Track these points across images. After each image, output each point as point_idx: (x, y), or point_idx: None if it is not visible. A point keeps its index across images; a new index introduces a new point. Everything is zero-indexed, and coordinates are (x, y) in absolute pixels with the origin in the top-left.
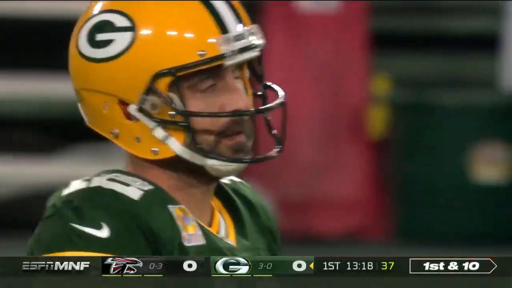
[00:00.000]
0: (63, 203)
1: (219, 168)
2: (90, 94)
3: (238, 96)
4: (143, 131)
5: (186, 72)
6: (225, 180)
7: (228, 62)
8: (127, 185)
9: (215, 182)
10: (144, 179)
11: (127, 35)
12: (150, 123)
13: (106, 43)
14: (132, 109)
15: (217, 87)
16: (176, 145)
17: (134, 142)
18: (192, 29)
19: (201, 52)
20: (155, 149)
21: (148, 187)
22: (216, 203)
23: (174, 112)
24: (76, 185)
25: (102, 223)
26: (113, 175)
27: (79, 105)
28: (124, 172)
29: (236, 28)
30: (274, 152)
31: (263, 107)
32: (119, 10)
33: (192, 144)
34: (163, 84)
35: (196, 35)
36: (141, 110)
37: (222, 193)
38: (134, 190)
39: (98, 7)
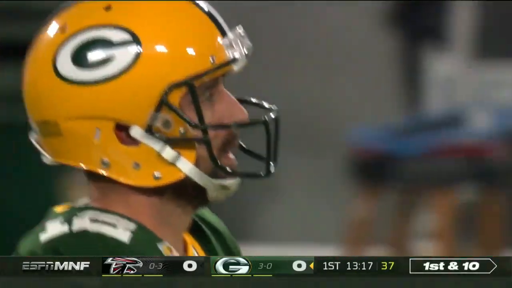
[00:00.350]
0: (45, 251)
1: (228, 187)
2: (76, 123)
3: (238, 107)
4: (144, 155)
5: (201, 81)
6: None
7: (237, 67)
8: (114, 226)
9: (194, 212)
10: (122, 216)
11: (131, 50)
12: (157, 144)
13: (104, 62)
14: (136, 131)
15: (213, 98)
16: (187, 165)
17: (130, 170)
18: (201, 34)
19: (212, 59)
20: (158, 174)
21: (132, 226)
22: (187, 236)
23: (183, 130)
24: (56, 228)
25: None
26: (92, 214)
27: (45, 141)
28: (99, 209)
29: (230, 31)
30: (272, 168)
31: (268, 116)
32: (112, 25)
33: (198, 164)
34: (175, 98)
35: (206, 40)
36: (148, 130)
37: (192, 225)
38: (122, 232)
39: (76, 24)
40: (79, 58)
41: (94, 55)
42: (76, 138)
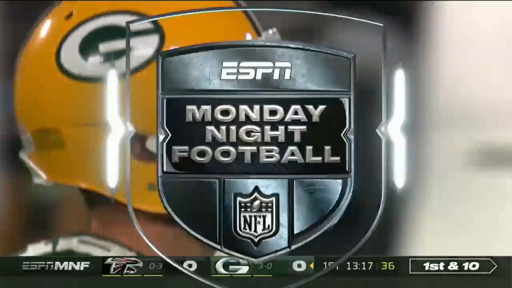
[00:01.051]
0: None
1: None
2: (82, 131)
3: None
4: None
5: None
6: None
7: None
8: (107, 250)
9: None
10: (120, 244)
11: (152, 40)
12: None
13: (119, 54)
14: (155, 143)
15: None
16: None
17: (144, 192)
18: (232, 33)
19: None
20: None
21: (128, 254)
22: None
23: None
24: (38, 249)
25: None
26: (84, 238)
27: (40, 155)
28: (96, 235)
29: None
30: None
31: None
32: (130, 11)
33: None
34: None
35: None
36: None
37: None
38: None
39: (87, 10)
40: (88, 49)
41: (106, 46)
42: (80, 150)
